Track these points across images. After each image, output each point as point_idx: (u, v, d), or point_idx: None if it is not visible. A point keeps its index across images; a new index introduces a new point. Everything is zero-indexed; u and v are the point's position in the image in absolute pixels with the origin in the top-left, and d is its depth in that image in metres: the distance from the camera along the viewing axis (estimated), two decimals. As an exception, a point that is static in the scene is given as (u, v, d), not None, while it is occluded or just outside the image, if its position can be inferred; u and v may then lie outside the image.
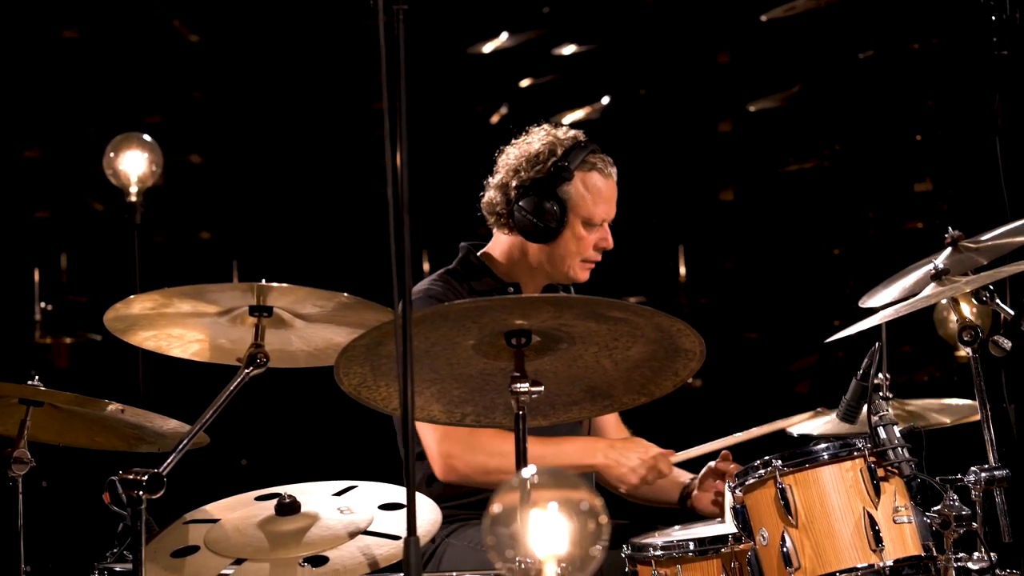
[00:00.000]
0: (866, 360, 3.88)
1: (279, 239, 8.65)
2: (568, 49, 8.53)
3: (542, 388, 3.39)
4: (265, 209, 8.73)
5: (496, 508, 2.34)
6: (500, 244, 4.58)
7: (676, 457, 4.48)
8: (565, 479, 2.37)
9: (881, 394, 3.86)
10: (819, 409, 4.77)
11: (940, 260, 4.21)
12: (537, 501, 2.35)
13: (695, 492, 4.50)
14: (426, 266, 8.16)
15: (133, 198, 6.69)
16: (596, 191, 4.49)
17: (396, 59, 2.96)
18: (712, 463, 4.47)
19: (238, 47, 8.80)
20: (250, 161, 8.79)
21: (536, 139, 4.52)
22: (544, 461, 4.30)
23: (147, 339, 3.73)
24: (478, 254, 4.60)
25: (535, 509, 2.34)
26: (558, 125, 4.56)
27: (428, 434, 4.38)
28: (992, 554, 3.86)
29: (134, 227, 6.64)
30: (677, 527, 4.24)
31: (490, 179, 4.55)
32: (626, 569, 4.06)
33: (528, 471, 2.40)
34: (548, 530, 2.33)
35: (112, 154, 6.76)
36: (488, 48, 8.58)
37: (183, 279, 3.64)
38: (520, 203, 4.48)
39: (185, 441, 3.49)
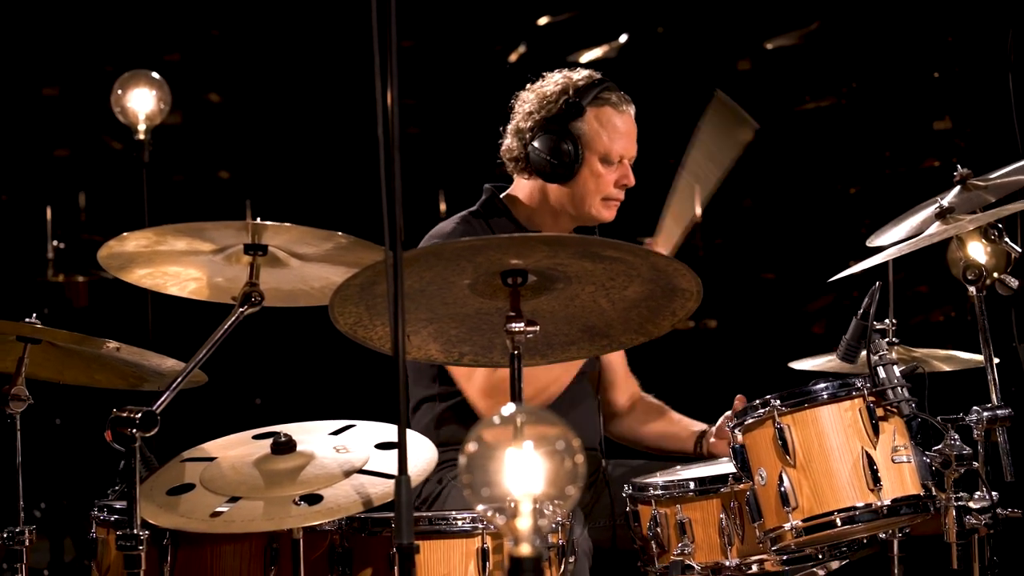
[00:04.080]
0: (866, 299, 3.84)
1: (298, 179, 8.62)
2: (585, -14, 8.45)
3: (537, 328, 3.37)
4: (284, 148, 8.70)
5: (472, 447, 2.33)
6: (522, 188, 4.49)
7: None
8: (543, 417, 2.35)
9: (882, 334, 3.84)
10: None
11: (947, 198, 4.17)
12: (514, 439, 2.34)
13: (712, 439, 4.46)
14: (442, 207, 8.12)
15: (141, 136, 6.71)
16: (611, 126, 4.40)
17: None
18: (729, 412, 4.42)
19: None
20: (270, 99, 8.75)
21: (551, 82, 4.45)
22: (555, 375, 4.25)
23: (144, 277, 3.72)
24: (501, 196, 4.53)
25: (511, 448, 2.33)
26: (575, 68, 4.48)
27: (463, 376, 4.30)
28: (993, 493, 3.85)
29: (142, 165, 6.65)
30: (679, 467, 4.24)
31: (507, 126, 4.49)
32: (627, 508, 4.06)
33: (508, 408, 2.39)
34: (524, 469, 2.32)
35: (120, 91, 6.77)
36: (505, -15, 8.51)
37: (198, 218, 3.59)
38: (534, 144, 4.40)
39: (179, 379, 3.49)
